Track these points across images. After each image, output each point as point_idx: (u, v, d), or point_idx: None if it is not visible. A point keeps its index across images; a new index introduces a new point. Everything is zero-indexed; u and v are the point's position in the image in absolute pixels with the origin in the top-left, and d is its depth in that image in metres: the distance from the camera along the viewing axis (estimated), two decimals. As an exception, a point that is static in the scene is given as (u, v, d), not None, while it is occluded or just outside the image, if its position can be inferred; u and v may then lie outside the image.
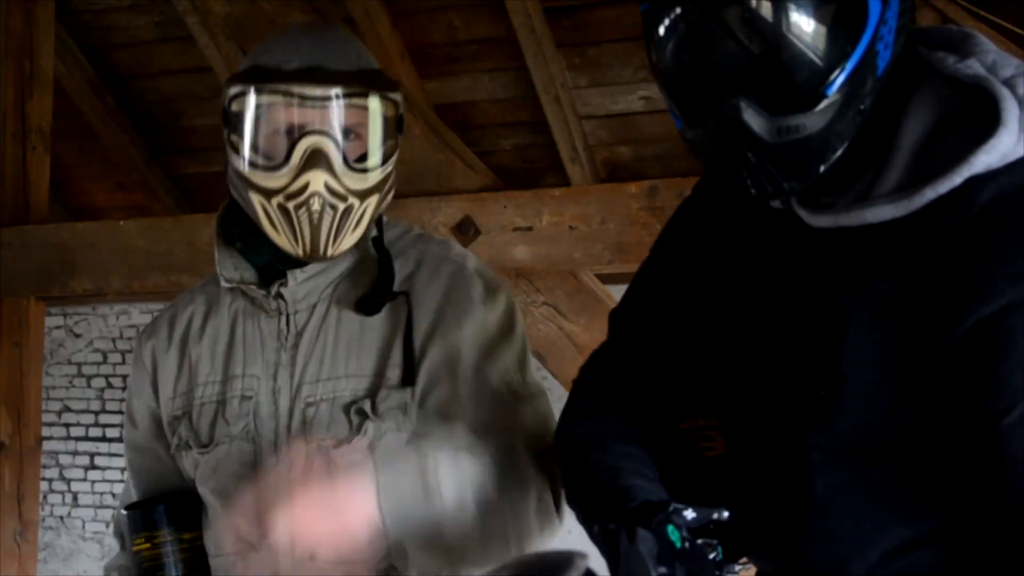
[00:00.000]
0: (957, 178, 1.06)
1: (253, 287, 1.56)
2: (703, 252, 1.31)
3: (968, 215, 1.06)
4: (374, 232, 1.58)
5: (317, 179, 1.44)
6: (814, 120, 1.07)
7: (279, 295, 1.55)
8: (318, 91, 1.45)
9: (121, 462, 6.73)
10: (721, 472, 1.24)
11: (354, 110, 1.47)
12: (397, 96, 1.53)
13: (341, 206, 1.47)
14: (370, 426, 1.49)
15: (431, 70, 3.83)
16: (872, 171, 1.13)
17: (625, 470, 1.22)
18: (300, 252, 1.49)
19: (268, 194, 1.47)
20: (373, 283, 1.55)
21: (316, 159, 1.44)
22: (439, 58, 3.78)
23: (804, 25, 1.04)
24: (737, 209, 1.28)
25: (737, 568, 1.09)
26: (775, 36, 1.04)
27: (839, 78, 1.06)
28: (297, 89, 1.45)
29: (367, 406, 1.50)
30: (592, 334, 3.33)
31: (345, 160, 1.46)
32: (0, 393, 3.92)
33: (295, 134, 1.45)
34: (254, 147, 1.49)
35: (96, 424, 6.88)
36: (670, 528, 1.04)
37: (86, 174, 4.94)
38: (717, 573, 1.04)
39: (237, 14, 3.68)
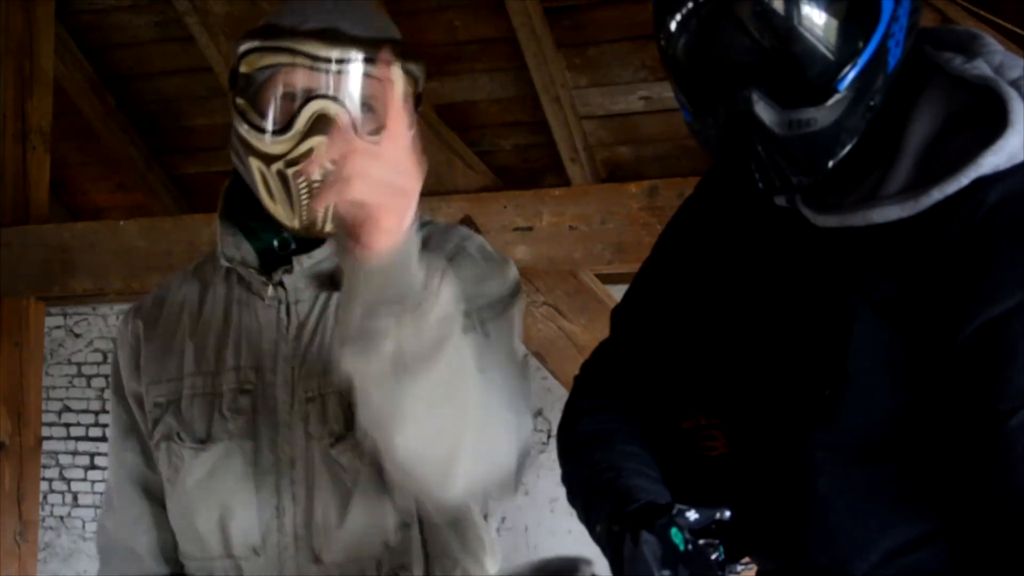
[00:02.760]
0: (964, 179, 1.06)
1: (253, 271, 1.46)
2: (707, 251, 1.31)
3: (975, 216, 1.06)
4: None
5: (321, 146, 1.31)
6: (825, 114, 1.07)
7: (280, 283, 1.45)
8: (331, 52, 1.34)
9: (121, 462, 6.73)
10: (723, 472, 1.24)
11: (369, 79, 1.36)
12: (419, 70, 1.43)
13: None
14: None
15: (431, 70, 3.79)
16: (878, 171, 1.13)
17: (627, 469, 1.22)
18: (295, 224, 1.38)
19: (268, 160, 1.36)
20: None
21: (322, 124, 1.32)
22: (439, 58, 3.77)
23: (816, 19, 1.04)
24: (741, 208, 1.28)
25: (739, 568, 1.09)
26: (787, 30, 1.04)
27: (851, 73, 1.06)
28: (309, 49, 1.34)
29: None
30: (592, 334, 3.33)
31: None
32: (0, 393, 3.92)
33: (303, 98, 1.35)
34: (259, 110, 1.38)
35: (96, 424, 6.87)
36: (674, 530, 1.04)
37: (86, 174, 4.95)
38: (720, 573, 1.04)
39: (237, 14, 3.68)
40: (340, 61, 1.34)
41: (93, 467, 6.87)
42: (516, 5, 3.45)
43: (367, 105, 1.36)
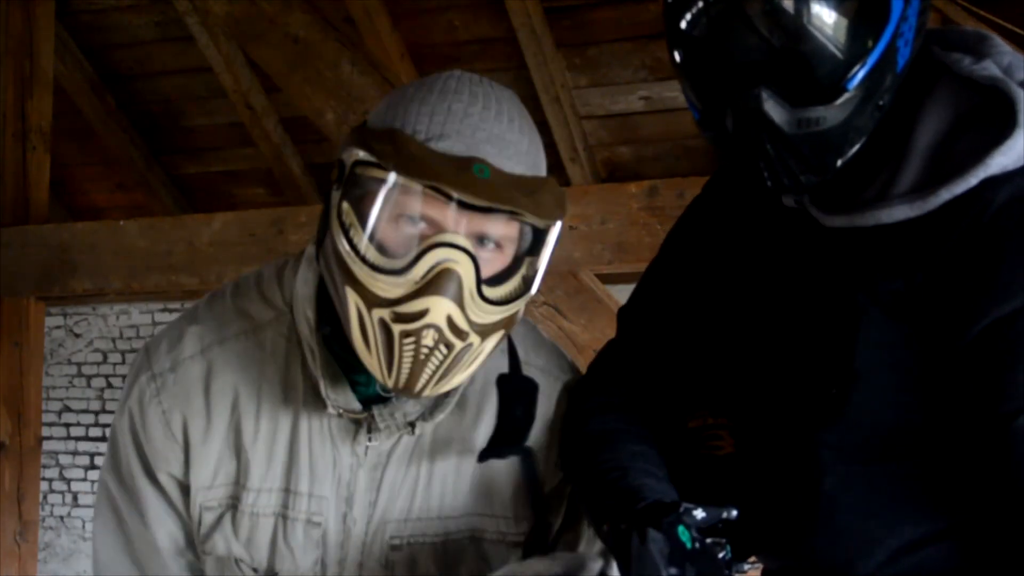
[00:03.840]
0: (973, 179, 1.06)
1: (353, 417, 1.23)
2: (714, 251, 1.31)
3: (983, 216, 1.06)
4: (505, 366, 1.29)
5: (440, 309, 1.10)
6: (834, 113, 1.07)
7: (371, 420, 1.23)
8: (475, 199, 1.09)
9: (121, 462, 6.72)
10: (730, 471, 1.24)
11: (508, 222, 1.14)
12: (563, 212, 1.17)
13: (458, 345, 1.13)
14: None
15: (431, 70, 3.82)
16: (887, 171, 1.13)
17: (634, 469, 1.22)
18: (390, 383, 1.15)
19: (372, 302, 1.12)
20: (496, 421, 1.27)
21: (445, 282, 1.09)
22: (439, 58, 3.78)
23: (826, 18, 1.04)
24: (749, 208, 1.28)
25: (745, 567, 1.09)
26: (797, 29, 1.04)
27: (860, 72, 1.06)
28: (446, 188, 1.09)
29: (482, 566, 1.26)
30: (592, 334, 3.34)
31: (480, 287, 1.11)
32: (0, 393, 3.92)
33: (427, 235, 1.11)
34: (370, 231, 1.12)
35: (96, 424, 6.87)
36: (681, 529, 1.04)
37: (86, 174, 4.95)
38: (727, 572, 1.04)
39: (237, 14, 3.68)
40: (480, 209, 1.10)
41: (93, 467, 6.86)
42: (516, 5, 3.46)
43: (498, 244, 1.15)
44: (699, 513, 1.06)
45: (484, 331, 1.15)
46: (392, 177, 1.10)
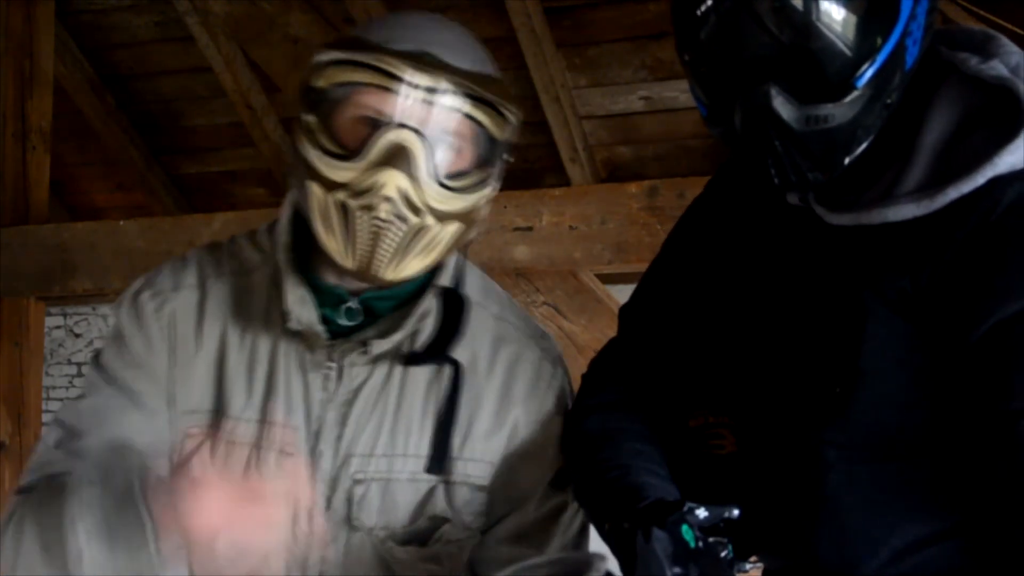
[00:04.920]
0: (980, 178, 1.06)
1: (318, 338, 1.29)
2: (716, 249, 1.32)
3: (991, 215, 1.06)
4: (447, 280, 1.34)
5: (392, 180, 1.18)
6: (843, 111, 1.07)
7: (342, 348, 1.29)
8: (421, 78, 1.19)
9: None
10: (732, 470, 1.24)
11: (461, 117, 1.22)
12: (515, 117, 1.28)
13: (413, 220, 1.21)
14: (448, 531, 1.30)
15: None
16: (893, 170, 1.13)
17: (636, 467, 1.23)
18: (350, 264, 1.23)
19: (331, 187, 1.21)
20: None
21: (398, 157, 1.18)
22: (439, 58, 3.77)
23: (835, 15, 1.04)
24: (752, 206, 1.28)
25: (748, 567, 1.10)
26: (805, 25, 1.04)
27: (869, 70, 1.06)
28: (396, 70, 1.18)
29: (445, 507, 1.30)
30: (592, 334, 3.33)
31: (432, 167, 1.21)
32: (0, 393, 3.92)
33: (380, 124, 1.20)
34: (329, 131, 1.22)
35: (95, 424, 6.87)
36: (684, 528, 1.04)
37: (86, 174, 4.94)
38: (729, 572, 1.04)
39: (237, 14, 3.68)
40: (430, 90, 1.20)
41: (92, 467, 6.86)
42: (516, 5, 3.45)
43: (454, 144, 1.24)
44: (702, 512, 1.07)
45: (441, 216, 1.23)
46: (350, 72, 1.21)
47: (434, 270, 1.32)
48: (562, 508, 1.35)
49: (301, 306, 1.29)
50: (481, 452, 1.33)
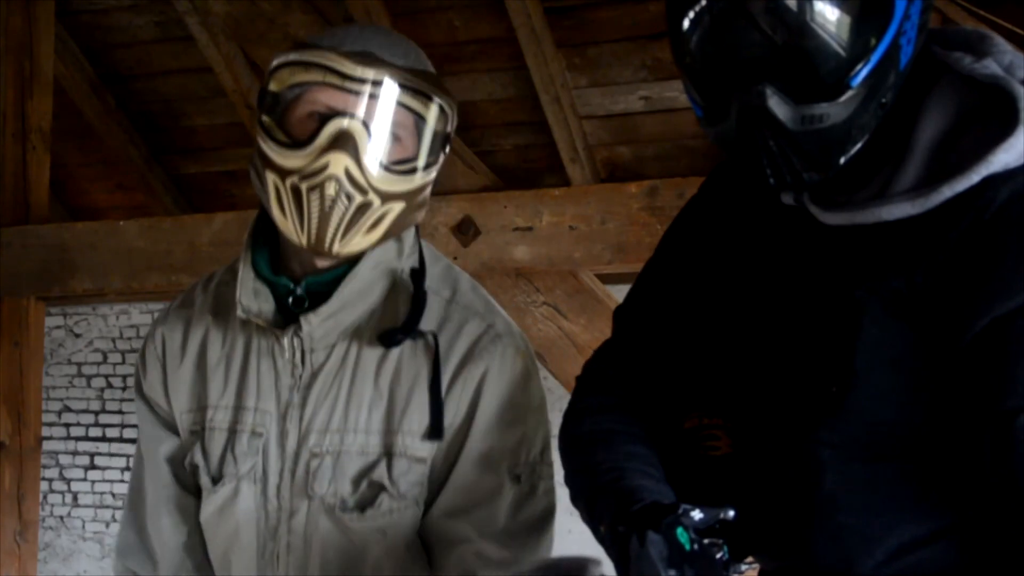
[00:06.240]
0: (975, 176, 1.06)
1: (267, 326, 1.44)
2: (711, 250, 1.32)
3: (985, 213, 1.06)
4: (412, 262, 1.47)
5: (338, 161, 1.31)
6: (838, 110, 1.07)
7: (296, 333, 1.42)
8: (363, 72, 1.33)
9: (121, 462, 6.73)
10: (727, 471, 1.24)
11: (399, 108, 1.36)
12: (450, 108, 1.42)
13: (358, 198, 1.34)
14: (385, 500, 1.41)
15: (431, 70, 3.83)
16: (888, 169, 1.13)
17: (630, 470, 1.23)
18: (304, 241, 1.36)
19: (284, 174, 1.34)
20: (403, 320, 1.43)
21: (342, 141, 1.32)
22: (439, 58, 3.75)
23: (829, 15, 1.04)
24: (746, 206, 1.28)
25: (743, 568, 1.09)
26: (799, 26, 1.04)
27: (864, 70, 1.06)
28: (340, 67, 1.33)
29: (383, 476, 1.41)
30: (592, 334, 3.33)
31: (377, 154, 1.34)
32: (0, 393, 3.92)
33: (328, 115, 1.34)
34: (284, 128, 1.37)
35: (96, 424, 6.87)
36: (679, 530, 1.04)
37: (86, 174, 4.94)
38: (724, 573, 1.04)
39: (237, 14, 3.68)
40: (372, 83, 1.33)
41: (93, 467, 6.86)
42: (516, 5, 3.45)
43: (394, 134, 1.36)
44: (697, 514, 1.06)
45: (384, 196, 1.36)
46: (300, 72, 1.35)
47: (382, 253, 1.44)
48: (497, 489, 1.41)
49: (255, 298, 1.44)
50: (419, 424, 1.42)
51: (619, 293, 1.95)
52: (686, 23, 1.09)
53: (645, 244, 3.20)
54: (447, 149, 1.44)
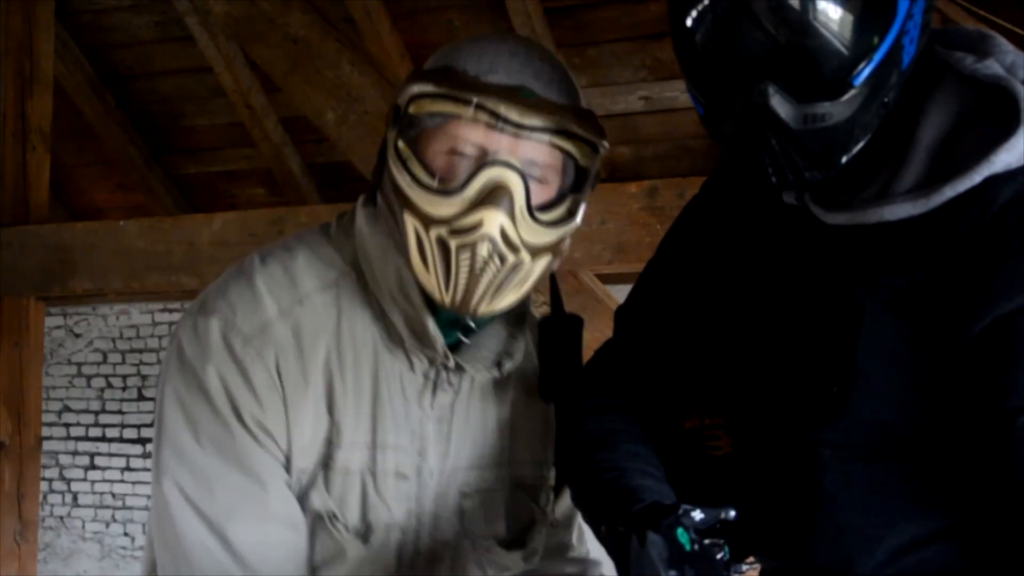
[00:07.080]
0: (977, 176, 1.06)
1: (438, 355, 1.28)
2: (712, 250, 1.32)
3: (987, 214, 1.06)
4: (535, 298, 1.38)
5: (493, 220, 1.17)
6: (840, 109, 1.07)
7: (443, 364, 1.29)
8: (520, 116, 1.18)
9: (121, 462, 6.73)
10: (728, 471, 1.24)
11: (554, 150, 1.22)
12: (603, 146, 1.27)
13: (511, 258, 1.21)
14: (537, 528, 1.39)
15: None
16: (889, 169, 1.13)
17: (632, 469, 1.22)
18: (447, 301, 1.22)
19: (428, 222, 1.19)
20: (541, 359, 1.37)
21: (498, 196, 1.17)
22: (439, 58, 3.77)
23: (832, 14, 1.04)
24: (748, 206, 1.28)
25: (744, 568, 1.09)
26: (802, 24, 1.04)
27: (866, 69, 1.06)
28: (493, 106, 1.18)
29: (546, 512, 1.39)
30: (592, 334, 3.30)
31: (529, 206, 1.20)
32: (0, 393, 3.92)
33: (480, 160, 1.19)
34: (423, 160, 1.21)
35: (96, 424, 6.87)
36: (680, 531, 1.04)
37: (86, 174, 4.95)
38: (725, 573, 1.04)
39: (237, 14, 3.68)
40: (529, 128, 1.19)
41: (93, 467, 6.86)
42: (516, 5, 3.45)
43: (545, 175, 1.24)
44: (697, 514, 1.06)
45: (534, 251, 1.23)
46: (447, 105, 1.20)
47: None
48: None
49: (436, 333, 1.27)
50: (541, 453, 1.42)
51: (619, 293, 1.95)
52: (689, 21, 1.09)
53: (645, 244, 3.20)
54: (595, 185, 1.31)
